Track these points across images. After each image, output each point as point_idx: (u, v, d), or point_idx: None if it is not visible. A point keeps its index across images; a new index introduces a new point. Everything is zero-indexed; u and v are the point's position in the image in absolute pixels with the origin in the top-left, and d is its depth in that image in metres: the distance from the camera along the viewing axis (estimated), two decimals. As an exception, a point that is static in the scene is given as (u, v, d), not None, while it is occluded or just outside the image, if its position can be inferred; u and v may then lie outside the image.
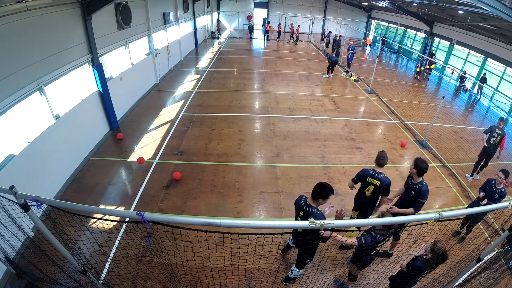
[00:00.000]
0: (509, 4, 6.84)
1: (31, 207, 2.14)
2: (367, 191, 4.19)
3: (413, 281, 3.33)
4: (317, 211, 3.28)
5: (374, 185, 4.08)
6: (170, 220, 1.89)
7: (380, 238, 3.22)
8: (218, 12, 28.00)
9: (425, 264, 3.04)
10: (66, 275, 3.69)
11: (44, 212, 4.23)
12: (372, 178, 4.07)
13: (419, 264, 3.06)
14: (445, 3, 11.53)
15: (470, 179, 6.99)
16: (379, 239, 3.21)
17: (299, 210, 3.45)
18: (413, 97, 12.71)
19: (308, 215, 3.26)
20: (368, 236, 3.19)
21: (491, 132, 6.52)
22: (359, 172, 4.24)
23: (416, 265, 3.08)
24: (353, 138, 8.48)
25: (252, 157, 7.28)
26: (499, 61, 13.03)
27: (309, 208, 3.29)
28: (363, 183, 4.20)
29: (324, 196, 3.21)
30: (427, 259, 3.03)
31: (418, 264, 3.07)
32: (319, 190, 3.21)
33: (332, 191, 3.23)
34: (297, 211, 3.50)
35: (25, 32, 4.80)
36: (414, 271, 3.11)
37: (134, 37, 9.61)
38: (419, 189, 3.98)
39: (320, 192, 3.20)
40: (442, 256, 2.91)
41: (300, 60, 17.93)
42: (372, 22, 27.82)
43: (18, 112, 4.77)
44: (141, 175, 6.35)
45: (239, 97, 11.06)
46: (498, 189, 4.54)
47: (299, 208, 3.45)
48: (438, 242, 2.92)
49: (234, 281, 3.66)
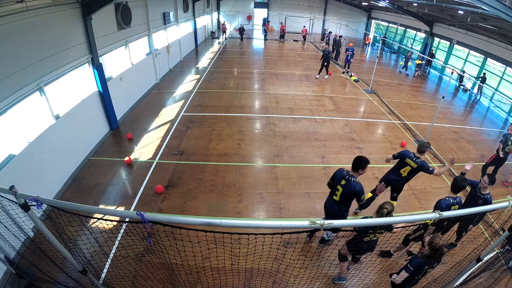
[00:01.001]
0: (509, 4, 6.84)
1: (31, 207, 2.14)
2: (403, 171, 4.83)
3: (413, 279, 3.34)
4: (356, 180, 3.78)
5: (411, 166, 4.71)
6: (170, 220, 1.89)
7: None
8: (218, 12, 27.99)
9: (424, 260, 3.10)
10: (66, 275, 3.69)
11: (44, 212, 4.23)
12: (411, 160, 4.71)
13: (418, 260, 3.12)
14: (445, 3, 11.53)
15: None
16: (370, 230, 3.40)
17: (340, 179, 3.86)
18: (413, 97, 12.71)
19: (349, 183, 3.77)
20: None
21: (506, 141, 6.35)
22: (401, 151, 4.92)
23: (416, 262, 3.13)
24: (353, 138, 8.48)
25: (252, 157, 7.28)
26: (499, 61, 13.03)
27: (350, 177, 3.80)
28: (402, 162, 4.81)
29: (362, 167, 3.75)
30: (425, 255, 3.10)
31: (417, 261, 3.12)
32: (358, 163, 3.75)
33: (368, 162, 3.78)
34: (338, 180, 3.89)
35: (25, 32, 4.80)
36: (415, 269, 3.15)
37: (134, 37, 9.61)
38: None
39: (358, 164, 3.75)
40: (438, 250, 2.98)
41: (300, 60, 17.93)
42: (372, 22, 27.81)
43: (18, 112, 4.77)
44: (141, 175, 6.35)
45: (239, 97, 11.06)
46: (483, 194, 4.29)
47: (341, 178, 3.87)
48: (436, 237, 2.99)
49: (234, 281, 3.66)
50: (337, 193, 3.91)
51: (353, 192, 3.76)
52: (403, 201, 6.02)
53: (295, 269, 4.07)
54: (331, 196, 4.06)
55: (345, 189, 3.80)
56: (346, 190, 3.80)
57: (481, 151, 8.36)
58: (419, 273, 3.21)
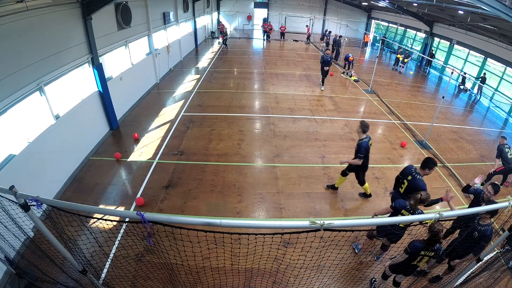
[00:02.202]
0: (509, 4, 6.83)
1: (31, 207, 2.14)
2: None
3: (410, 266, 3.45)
4: (421, 178, 4.13)
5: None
6: (170, 220, 1.89)
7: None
8: (218, 12, 27.98)
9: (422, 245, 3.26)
10: (66, 275, 3.69)
11: (44, 212, 4.23)
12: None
13: (416, 244, 3.29)
14: (445, 3, 11.52)
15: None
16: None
17: (408, 175, 4.27)
18: (413, 97, 12.71)
19: (414, 179, 4.16)
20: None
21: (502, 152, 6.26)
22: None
23: (414, 245, 3.29)
24: (353, 138, 8.47)
25: (252, 157, 7.28)
26: (499, 61, 13.02)
27: (416, 175, 4.18)
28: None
29: (430, 167, 4.12)
30: (423, 239, 3.27)
31: (415, 244, 3.29)
32: (427, 163, 4.14)
33: (435, 165, 4.16)
34: (406, 175, 4.30)
35: (25, 32, 4.79)
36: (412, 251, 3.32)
37: (134, 37, 9.61)
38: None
39: (427, 164, 4.13)
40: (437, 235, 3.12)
41: (300, 60, 17.93)
42: (372, 22, 27.80)
43: (18, 112, 4.77)
44: (141, 175, 6.35)
45: (239, 97, 11.06)
46: (480, 225, 3.63)
47: (408, 173, 4.27)
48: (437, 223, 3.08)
49: (234, 281, 3.67)
50: (402, 186, 4.37)
51: (416, 188, 4.07)
52: (403, 201, 6.02)
53: (295, 269, 4.07)
54: (397, 188, 4.56)
55: (410, 184, 4.20)
56: (410, 185, 4.20)
57: (481, 151, 8.36)
58: (416, 257, 3.33)
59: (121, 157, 6.92)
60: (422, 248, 3.26)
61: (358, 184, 5.88)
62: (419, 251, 3.28)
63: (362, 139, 5.19)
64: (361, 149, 5.13)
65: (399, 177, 4.56)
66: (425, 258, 3.35)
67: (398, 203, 3.81)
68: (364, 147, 5.12)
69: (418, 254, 3.30)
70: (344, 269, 4.35)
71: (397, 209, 3.78)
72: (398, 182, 4.59)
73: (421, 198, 3.57)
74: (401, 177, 4.47)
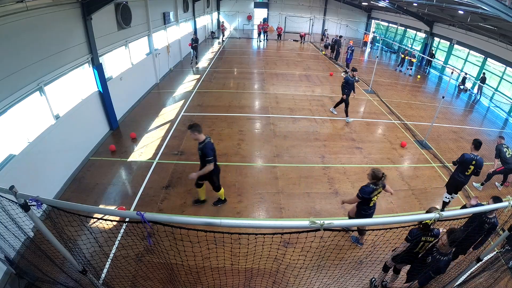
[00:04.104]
0: (509, 4, 6.83)
1: (31, 207, 2.14)
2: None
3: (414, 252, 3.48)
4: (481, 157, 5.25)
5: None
6: (170, 220, 1.89)
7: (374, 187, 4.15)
8: (218, 12, 27.99)
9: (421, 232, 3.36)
10: (66, 275, 3.69)
11: (44, 212, 4.24)
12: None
13: (415, 231, 3.39)
14: (445, 3, 11.52)
15: (480, 189, 6.69)
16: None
17: (471, 160, 5.24)
18: (413, 97, 12.71)
19: (478, 160, 5.24)
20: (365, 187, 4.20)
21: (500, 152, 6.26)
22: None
23: (414, 232, 3.39)
24: (353, 138, 8.48)
25: (252, 157, 7.28)
26: (499, 61, 13.03)
27: (477, 157, 5.25)
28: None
29: (479, 148, 5.30)
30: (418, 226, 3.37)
31: (415, 231, 3.39)
32: (479, 145, 5.30)
33: (481, 144, 5.35)
34: (470, 161, 5.26)
35: (25, 32, 4.79)
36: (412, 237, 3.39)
37: (134, 37, 9.61)
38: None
39: (480, 145, 5.30)
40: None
41: (300, 60, 17.93)
42: (372, 22, 27.81)
43: (18, 112, 4.76)
44: (141, 175, 6.35)
45: (239, 97, 11.06)
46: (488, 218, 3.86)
47: (471, 159, 5.24)
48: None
49: (234, 281, 3.67)
50: (469, 170, 5.33)
51: (481, 166, 5.27)
52: (403, 201, 6.02)
53: (295, 269, 4.08)
54: (463, 173, 5.41)
55: (477, 164, 5.25)
56: (477, 165, 5.26)
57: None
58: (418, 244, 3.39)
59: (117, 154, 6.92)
60: (422, 234, 3.34)
61: (214, 191, 5.36)
62: (419, 237, 3.35)
63: (204, 141, 4.61)
64: (207, 151, 4.56)
65: (461, 163, 5.40)
66: (427, 244, 3.40)
67: (362, 191, 4.12)
68: (208, 148, 4.57)
69: (420, 240, 3.37)
70: (344, 269, 4.35)
71: (364, 198, 4.15)
72: (462, 167, 5.39)
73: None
74: (464, 164, 5.35)
